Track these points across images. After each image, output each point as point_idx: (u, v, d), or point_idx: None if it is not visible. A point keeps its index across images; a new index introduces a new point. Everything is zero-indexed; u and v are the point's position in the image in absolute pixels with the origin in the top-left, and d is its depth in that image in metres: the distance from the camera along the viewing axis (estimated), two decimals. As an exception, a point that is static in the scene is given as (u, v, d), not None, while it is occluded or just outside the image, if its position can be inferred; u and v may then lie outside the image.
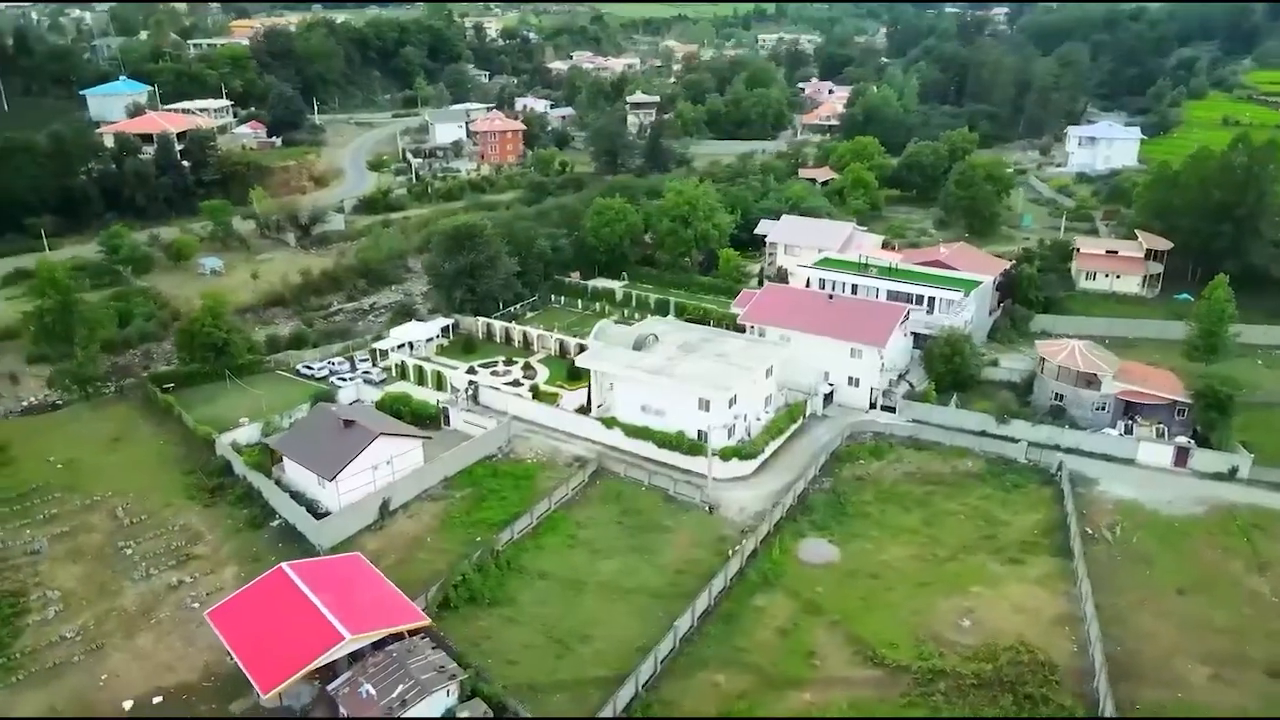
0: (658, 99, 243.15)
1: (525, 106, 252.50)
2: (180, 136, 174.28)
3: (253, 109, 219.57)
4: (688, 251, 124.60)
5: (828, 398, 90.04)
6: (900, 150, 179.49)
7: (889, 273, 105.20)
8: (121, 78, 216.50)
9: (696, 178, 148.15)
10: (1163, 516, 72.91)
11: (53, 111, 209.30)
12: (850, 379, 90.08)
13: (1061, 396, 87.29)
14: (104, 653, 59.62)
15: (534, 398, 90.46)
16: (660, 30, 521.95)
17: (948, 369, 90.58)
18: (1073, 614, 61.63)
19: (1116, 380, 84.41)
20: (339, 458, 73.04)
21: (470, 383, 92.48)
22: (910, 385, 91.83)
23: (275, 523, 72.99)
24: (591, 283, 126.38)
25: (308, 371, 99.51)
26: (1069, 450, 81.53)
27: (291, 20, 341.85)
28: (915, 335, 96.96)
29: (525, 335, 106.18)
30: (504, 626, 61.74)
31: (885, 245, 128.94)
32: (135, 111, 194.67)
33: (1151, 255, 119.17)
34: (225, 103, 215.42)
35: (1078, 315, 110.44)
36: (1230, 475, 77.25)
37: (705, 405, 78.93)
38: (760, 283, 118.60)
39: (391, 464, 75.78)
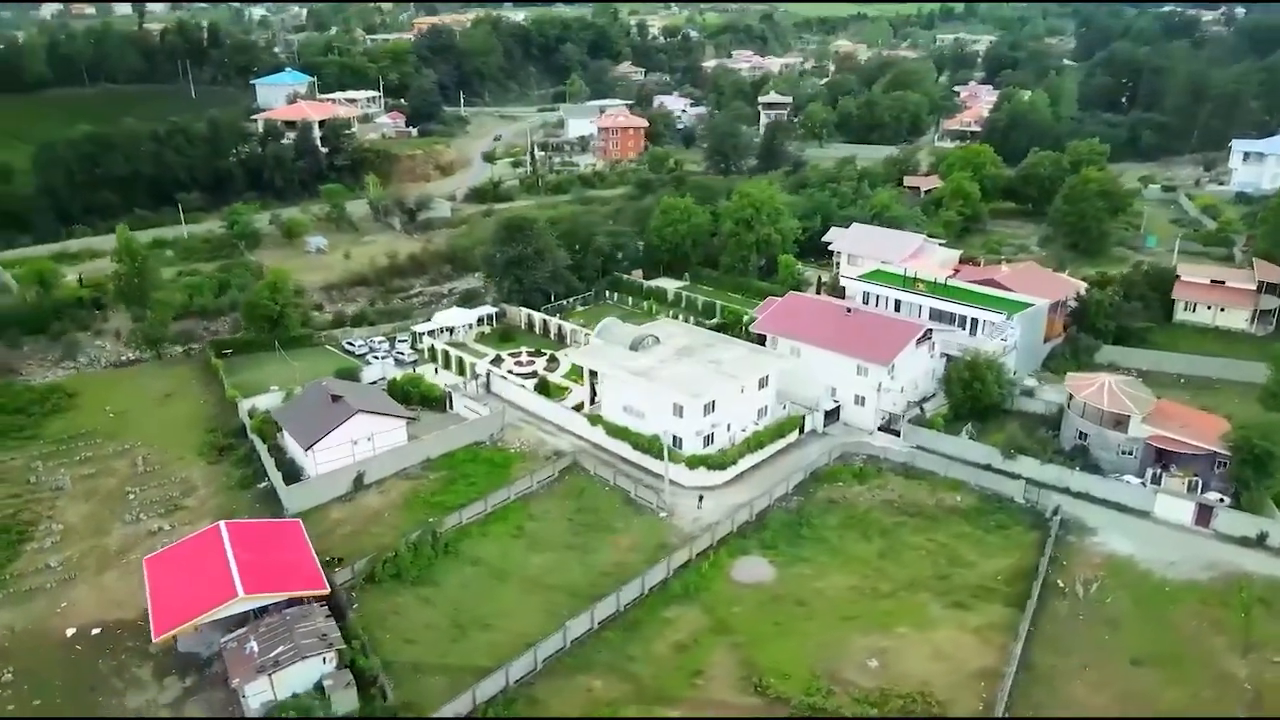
0: (789, 100, 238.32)
1: (659, 104, 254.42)
2: (321, 125, 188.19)
3: (400, 100, 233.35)
4: (748, 255, 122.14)
5: (831, 415, 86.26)
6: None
7: (934, 289, 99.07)
8: (287, 69, 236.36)
9: (774, 180, 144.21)
10: (1155, 579, 65.25)
11: (230, 98, 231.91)
12: (856, 397, 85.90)
13: (1085, 436, 79.55)
14: (73, 584, 66.51)
15: (540, 390, 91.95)
16: (836, 29, 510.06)
17: (966, 395, 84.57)
18: (998, 669, 56.53)
19: (1146, 423, 75.96)
20: (319, 429, 77.60)
21: (485, 371, 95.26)
22: (921, 410, 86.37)
23: (262, 485, 78.50)
24: (652, 282, 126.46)
25: (350, 348, 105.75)
26: (1077, 495, 74.54)
27: (465, 18, 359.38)
28: (951, 358, 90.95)
29: (560, 329, 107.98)
30: (417, 606, 63.78)
31: (966, 261, 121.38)
32: (291, 100, 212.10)
33: (1266, 288, 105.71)
34: (373, 94, 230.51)
35: (1157, 349, 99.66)
36: (1258, 542, 67.97)
37: (679, 410, 77.80)
38: (818, 291, 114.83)
39: (372, 440, 79.63)
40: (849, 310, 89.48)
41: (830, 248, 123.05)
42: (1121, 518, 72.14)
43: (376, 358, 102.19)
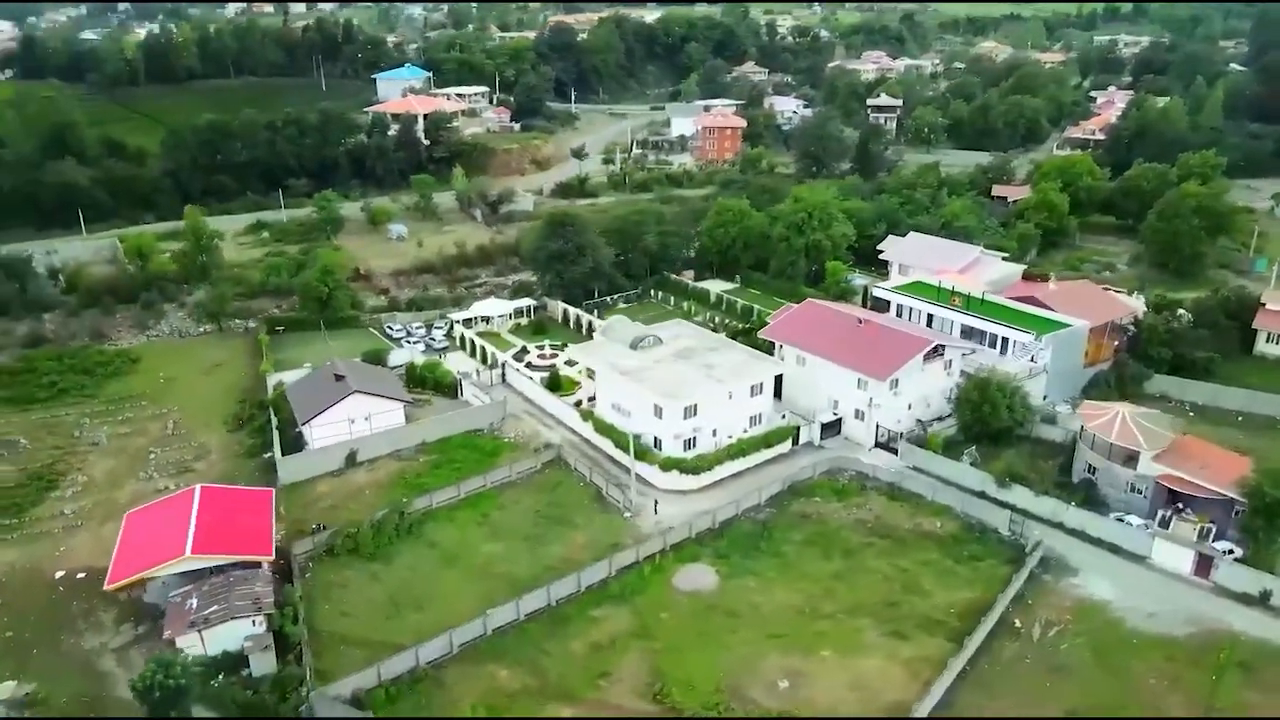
0: (899, 103, 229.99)
1: (769, 105, 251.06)
2: (424, 118, 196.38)
3: (506, 96, 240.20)
4: (796, 260, 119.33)
5: (830, 427, 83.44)
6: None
7: (970, 305, 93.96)
8: (406, 65, 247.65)
9: (848, 185, 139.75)
10: (1126, 629, 60.00)
11: (355, 92, 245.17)
12: (857, 411, 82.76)
13: (1094, 470, 73.78)
14: (77, 531, 72.79)
15: (551, 384, 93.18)
16: (985, 30, 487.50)
17: (974, 417, 79.97)
18: (911, 704, 53.56)
19: (1158, 460, 69.71)
20: (317, 406, 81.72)
21: (500, 362, 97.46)
22: (923, 428, 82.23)
23: (267, 455, 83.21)
24: (702, 283, 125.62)
25: (390, 332, 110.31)
26: (1072, 532, 69.54)
27: (593, 17, 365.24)
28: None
29: (590, 325, 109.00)
30: (364, 581, 66.31)
31: (1032, 277, 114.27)
32: (406, 95, 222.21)
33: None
34: (482, 89, 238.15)
35: (1218, 382, 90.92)
36: (1260, 600, 61.32)
37: (659, 411, 77.32)
38: (863, 301, 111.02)
39: (370, 420, 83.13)
40: (860, 321, 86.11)
41: (881, 256, 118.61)
42: (1113, 561, 66.68)
43: (410, 342, 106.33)
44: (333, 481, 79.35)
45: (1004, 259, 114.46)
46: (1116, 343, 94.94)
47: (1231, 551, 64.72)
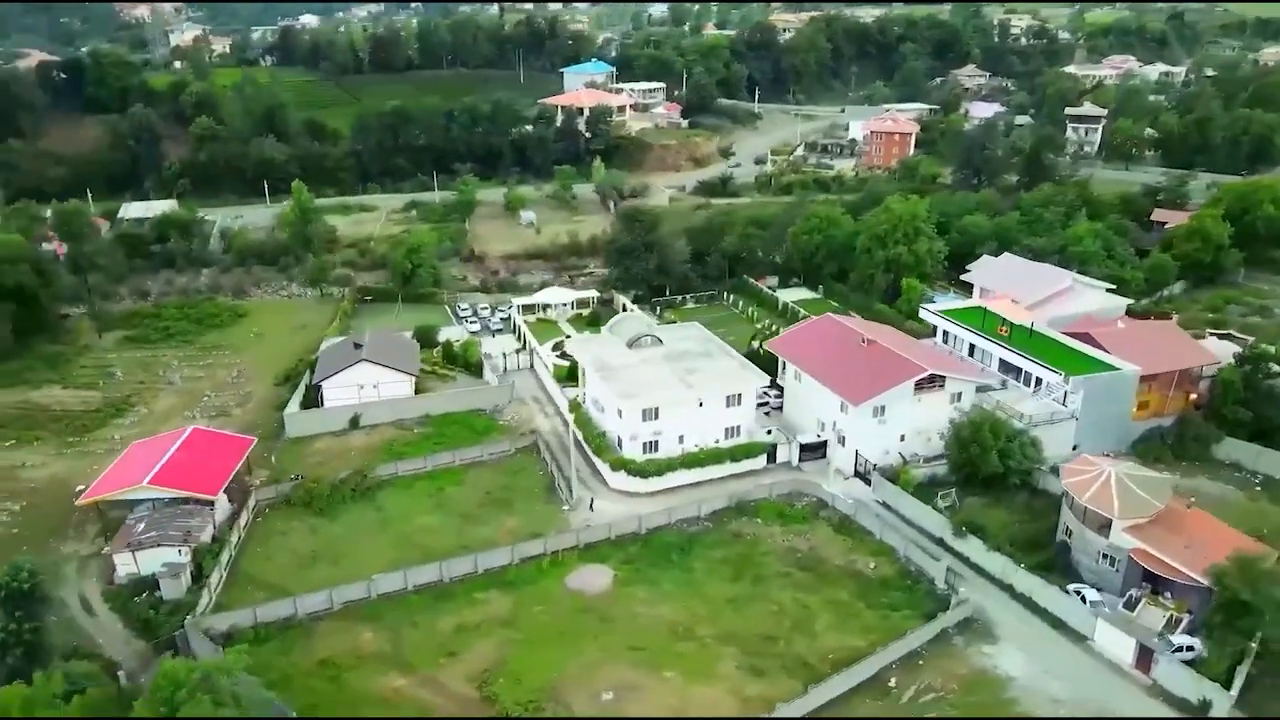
0: (1103, 112, 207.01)
1: (964, 111, 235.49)
2: (585, 111, 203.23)
3: (676, 93, 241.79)
4: (874, 274, 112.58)
5: (817, 449, 78.94)
6: None
7: (1015, 337, 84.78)
8: (593, 60, 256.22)
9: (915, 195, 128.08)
10: (1015, 709, 52.84)
11: (548, 85, 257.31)
12: (839, 436, 77.78)
13: (1070, 534, 64.91)
14: (116, 454, 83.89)
15: (569, 374, 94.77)
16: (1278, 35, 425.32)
17: (963, 458, 72.59)
18: (721, 745, 50.76)
19: (1132, 532, 60.26)
20: (330, 369, 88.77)
21: (531, 349, 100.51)
22: (919, 463, 75.49)
23: (290, 410, 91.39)
24: (783, 289, 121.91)
25: (458, 311, 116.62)
26: (1017, 596, 61.99)
27: (802, 16, 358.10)
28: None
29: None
30: (302, 533, 71.84)
31: (1143, 314, 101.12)
32: (590, 86, 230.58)
33: None
34: (659, 85, 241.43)
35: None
36: (1199, 710, 51.80)
37: (619, 411, 76.98)
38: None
39: (378, 389, 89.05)
40: (864, 341, 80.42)
41: (964, 278, 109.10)
42: (1049, 636, 58.83)
43: (469, 322, 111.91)
44: (332, 440, 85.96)
45: (1108, 290, 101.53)
46: (1194, 396, 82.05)
47: (1190, 649, 54.92)
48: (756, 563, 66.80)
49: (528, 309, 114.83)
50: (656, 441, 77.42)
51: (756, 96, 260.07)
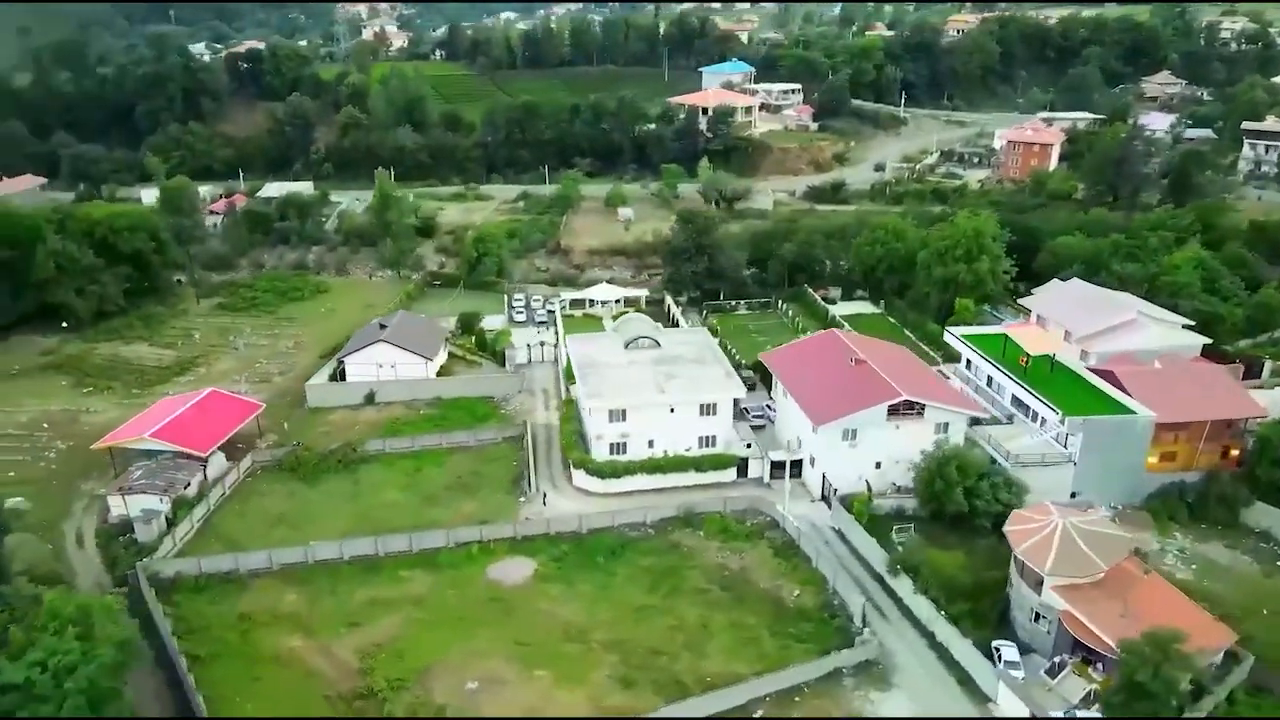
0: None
1: (1131, 121, 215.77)
2: (708, 111, 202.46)
3: (814, 95, 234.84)
4: (930, 291, 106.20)
5: (786, 466, 75.96)
6: None
7: (1032, 372, 77.80)
8: (733, 59, 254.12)
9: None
10: (871, 765, 49.45)
11: (692, 82, 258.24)
12: (810, 457, 74.60)
13: (1010, 585, 59.45)
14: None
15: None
16: None
17: (930, 493, 67.92)
18: (557, 750, 50.59)
19: (1061, 592, 54.53)
20: (354, 347, 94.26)
21: (554, 343, 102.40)
22: (869, 487, 71.16)
23: (313, 381, 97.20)
24: (842, 302, 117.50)
25: (512, 300, 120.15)
26: (936, 644, 57.74)
27: (973, 18, 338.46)
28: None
29: (677, 322, 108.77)
30: (279, 496, 77.14)
31: (1223, 357, 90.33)
32: (726, 86, 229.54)
33: None
34: (794, 87, 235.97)
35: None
36: (1076, 797, 46.57)
37: (588, 410, 77.37)
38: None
39: (395, 369, 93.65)
40: (854, 361, 76.37)
41: (1021, 301, 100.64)
42: (950, 690, 54.62)
43: (515, 312, 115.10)
44: (346, 413, 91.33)
45: (1184, 327, 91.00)
46: (1236, 451, 72.55)
47: (1089, 728, 49.38)
48: (680, 575, 65.49)
49: (575, 304, 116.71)
50: (625, 443, 77.21)
51: (903, 101, 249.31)
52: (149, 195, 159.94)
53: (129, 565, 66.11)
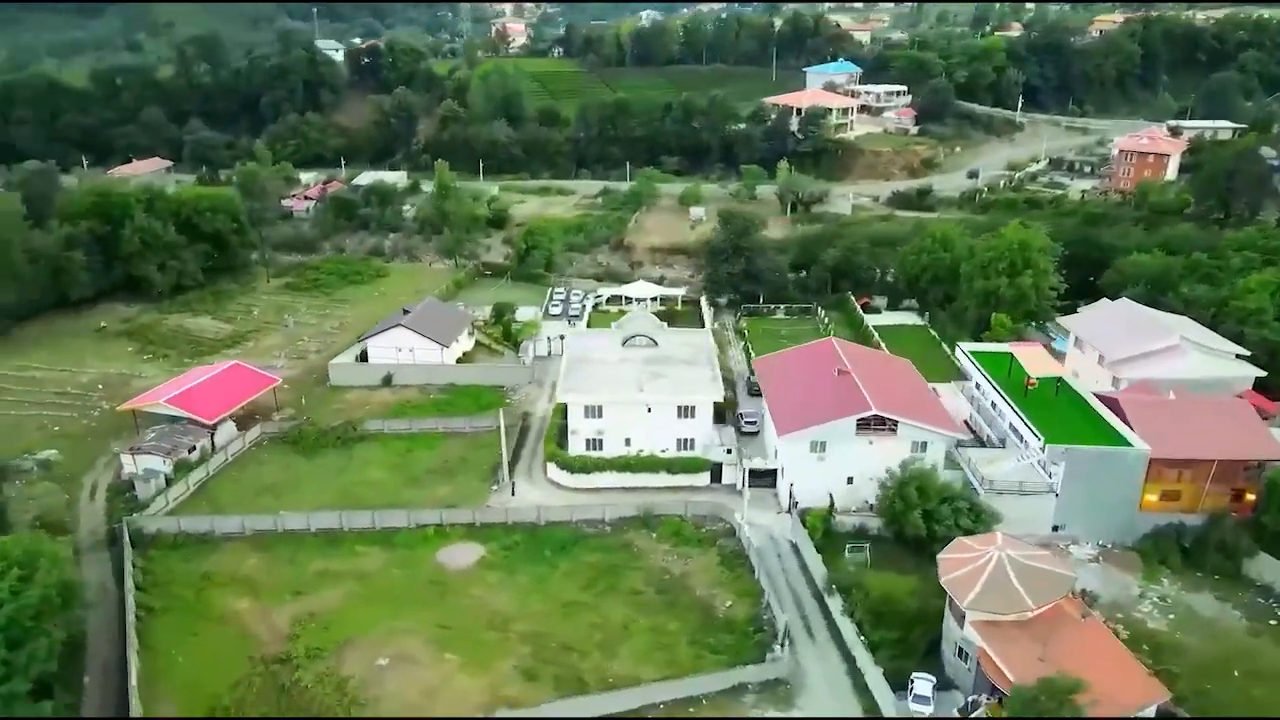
0: None
1: (1276, 131, 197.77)
2: (799, 112, 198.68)
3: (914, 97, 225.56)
4: (968, 306, 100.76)
5: (745, 475, 73.92)
6: None
7: (1030, 397, 72.85)
8: (840, 59, 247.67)
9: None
10: (741, 785, 47.89)
11: (793, 81, 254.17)
12: (781, 466, 72.46)
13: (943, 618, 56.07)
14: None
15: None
16: None
17: (890, 513, 64.94)
18: (439, 733, 51.45)
19: (976, 627, 51.08)
20: (375, 330, 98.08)
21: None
22: (832, 501, 68.37)
23: (336, 360, 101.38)
24: (886, 311, 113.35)
25: (553, 293, 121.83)
26: (854, 669, 55.35)
27: (1115, 18, 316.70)
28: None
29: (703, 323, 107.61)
30: (275, 467, 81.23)
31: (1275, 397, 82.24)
32: (828, 87, 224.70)
33: None
34: (899, 88, 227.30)
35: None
36: (944, 846, 43.71)
37: (567, 405, 77.88)
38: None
39: (413, 353, 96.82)
40: (839, 371, 73.52)
41: (1060, 320, 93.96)
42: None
43: (552, 305, 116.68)
44: (362, 393, 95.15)
45: (1239, 357, 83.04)
46: (1253, 496, 65.78)
47: (984, 777, 46.15)
48: (619, 575, 65.16)
49: (613, 300, 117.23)
50: (601, 440, 77.26)
51: (1020, 105, 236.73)
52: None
53: (118, 517, 71.43)
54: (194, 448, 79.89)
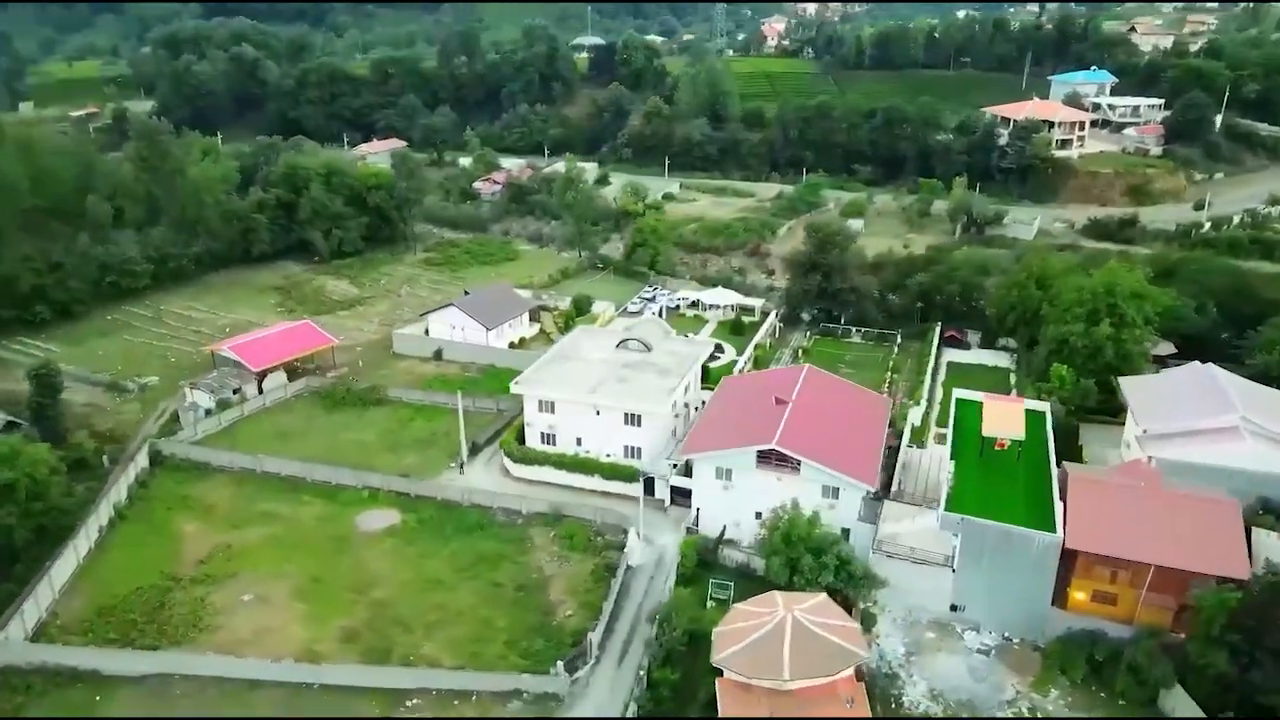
0: None
1: None
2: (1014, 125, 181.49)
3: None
4: (1043, 352, 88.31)
5: (642, 489, 71.56)
6: None
7: (980, 454, 63.90)
8: (1094, 67, 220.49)
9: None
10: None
11: (1041, 90, 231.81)
12: (693, 491, 69.63)
13: (737, 670, 51.84)
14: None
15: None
16: None
17: (770, 558, 60.72)
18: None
19: (723, 689, 47.09)
20: (435, 307, 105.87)
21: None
22: (721, 532, 64.39)
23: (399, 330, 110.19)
24: (979, 350, 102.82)
25: (642, 291, 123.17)
26: (634, 699, 53.49)
27: None
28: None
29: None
30: (301, 416, 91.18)
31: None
32: (1070, 98, 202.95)
33: None
34: (1155, 102, 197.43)
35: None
36: None
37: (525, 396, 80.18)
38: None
39: (464, 331, 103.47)
40: (776, 400, 68.84)
41: (1120, 380, 79.37)
42: (595, 754, 50.33)
43: (634, 303, 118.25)
44: (414, 363, 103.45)
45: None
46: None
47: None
48: (495, 566, 66.92)
49: (694, 304, 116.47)
50: (554, 436, 78.71)
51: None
52: (465, 160, 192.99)
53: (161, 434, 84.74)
54: (237, 389, 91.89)
